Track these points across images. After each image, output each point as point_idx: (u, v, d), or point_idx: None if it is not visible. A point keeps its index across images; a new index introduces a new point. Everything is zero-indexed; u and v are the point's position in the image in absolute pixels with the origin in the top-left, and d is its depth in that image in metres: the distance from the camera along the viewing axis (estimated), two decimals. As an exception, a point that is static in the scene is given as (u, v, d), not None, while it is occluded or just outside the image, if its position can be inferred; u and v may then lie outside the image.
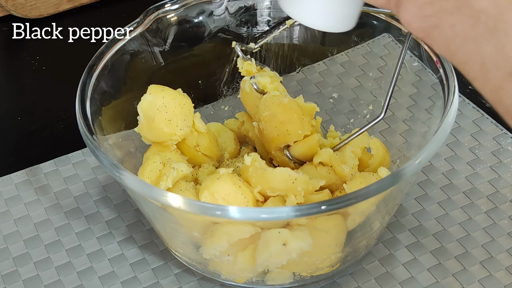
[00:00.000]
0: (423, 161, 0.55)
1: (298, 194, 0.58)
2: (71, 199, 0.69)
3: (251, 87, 0.67)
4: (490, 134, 0.73)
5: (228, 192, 0.58)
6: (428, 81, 0.64)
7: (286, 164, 0.65)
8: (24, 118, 0.79)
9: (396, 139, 0.68)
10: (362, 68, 0.74)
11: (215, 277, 0.62)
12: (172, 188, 0.60)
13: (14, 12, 0.88)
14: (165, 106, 0.63)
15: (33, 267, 0.64)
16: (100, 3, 0.92)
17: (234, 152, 0.69)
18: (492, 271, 0.62)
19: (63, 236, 0.67)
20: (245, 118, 0.69)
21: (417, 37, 0.54)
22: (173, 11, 0.68)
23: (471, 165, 0.70)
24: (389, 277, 0.62)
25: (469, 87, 0.78)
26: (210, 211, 0.53)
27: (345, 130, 0.72)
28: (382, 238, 0.65)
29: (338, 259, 0.60)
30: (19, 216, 0.68)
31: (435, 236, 0.65)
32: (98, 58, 0.64)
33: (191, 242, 0.60)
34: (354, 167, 0.63)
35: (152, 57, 0.68)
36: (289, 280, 0.60)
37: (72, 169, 0.72)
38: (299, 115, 0.64)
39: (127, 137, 0.65)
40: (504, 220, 0.66)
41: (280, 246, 0.55)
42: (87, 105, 0.61)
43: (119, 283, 0.63)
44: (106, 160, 0.56)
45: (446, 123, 0.57)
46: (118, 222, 0.67)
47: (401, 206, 0.67)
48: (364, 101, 0.72)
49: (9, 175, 0.72)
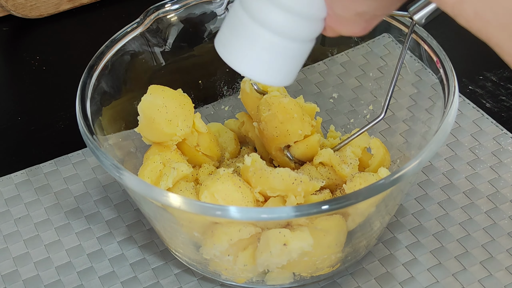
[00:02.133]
0: (423, 161, 0.55)
1: (298, 195, 0.58)
2: (71, 199, 0.69)
3: (251, 88, 0.67)
4: (490, 134, 0.73)
5: (228, 192, 0.58)
6: (428, 81, 0.64)
7: (287, 164, 0.65)
8: (24, 118, 0.79)
9: (396, 139, 0.68)
10: (362, 68, 0.74)
11: (215, 277, 0.62)
12: (172, 188, 0.60)
13: (14, 12, 0.88)
14: (165, 106, 0.63)
15: (33, 267, 0.64)
16: (100, 3, 0.92)
17: (235, 152, 0.69)
18: (492, 271, 0.62)
19: (63, 236, 0.67)
20: (245, 118, 0.69)
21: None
22: (173, 11, 0.68)
23: (471, 165, 0.70)
24: (389, 277, 0.62)
25: (469, 87, 0.78)
26: (210, 211, 0.53)
27: (345, 130, 0.72)
28: (382, 238, 0.65)
29: (338, 259, 0.60)
30: (19, 216, 0.68)
31: (435, 236, 0.65)
32: (98, 58, 0.64)
33: (191, 242, 0.60)
34: (354, 167, 0.63)
35: (152, 57, 0.68)
36: (289, 280, 0.60)
37: (72, 169, 0.72)
38: (299, 115, 0.64)
39: (127, 137, 0.65)
40: (504, 220, 0.66)
41: (281, 246, 0.55)
42: (87, 105, 0.61)
43: (119, 283, 0.63)
44: (106, 160, 0.56)
45: (446, 123, 0.57)
46: (118, 222, 0.67)
47: (401, 206, 0.67)
48: (364, 101, 0.72)
49: (9, 175, 0.72)
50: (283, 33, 0.48)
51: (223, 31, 0.50)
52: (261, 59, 0.49)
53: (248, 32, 0.48)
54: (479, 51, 0.83)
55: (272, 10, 0.47)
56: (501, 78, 0.79)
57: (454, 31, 0.84)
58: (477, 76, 0.79)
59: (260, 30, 0.48)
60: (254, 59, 0.49)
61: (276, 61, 0.49)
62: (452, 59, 0.62)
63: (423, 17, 0.59)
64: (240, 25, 0.49)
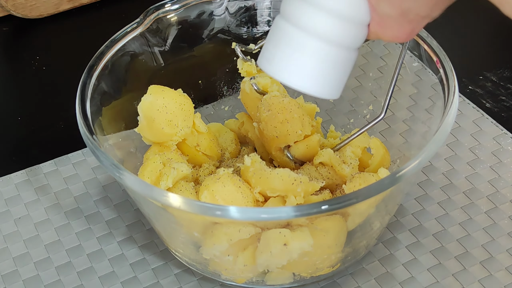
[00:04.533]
0: (423, 161, 0.55)
1: (298, 195, 0.58)
2: (71, 199, 0.69)
3: (251, 88, 0.67)
4: (490, 134, 0.73)
5: (228, 192, 0.58)
6: (428, 81, 0.64)
7: (287, 164, 0.65)
8: (24, 118, 0.79)
9: (396, 139, 0.68)
10: (362, 68, 0.74)
11: (215, 277, 0.62)
12: (172, 188, 0.60)
13: (14, 12, 0.88)
14: (165, 107, 0.63)
15: (33, 267, 0.64)
16: (100, 3, 0.92)
17: (235, 153, 0.69)
18: (492, 271, 0.62)
19: (63, 236, 0.67)
20: (245, 118, 0.69)
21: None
22: (173, 11, 0.68)
23: (471, 165, 0.70)
24: (389, 277, 0.62)
25: (469, 87, 0.78)
26: (210, 211, 0.53)
27: (345, 130, 0.72)
28: (382, 238, 0.65)
29: (338, 259, 0.60)
30: (19, 216, 0.68)
31: (435, 236, 0.65)
32: (98, 58, 0.64)
33: (191, 242, 0.60)
34: (355, 167, 0.63)
35: (152, 57, 0.68)
36: (289, 280, 0.60)
37: (72, 169, 0.72)
38: (299, 115, 0.64)
39: (127, 137, 0.65)
40: (504, 220, 0.66)
41: (281, 246, 0.55)
42: (87, 105, 0.61)
43: (119, 283, 0.63)
44: (106, 160, 0.56)
45: (446, 123, 0.57)
46: (118, 222, 0.67)
47: (401, 206, 0.67)
48: (364, 101, 0.72)
49: (9, 175, 0.72)
50: (330, 40, 0.47)
51: (267, 47, 0.49)
52: (309, 68, 0.48)
53: (294, 41, 0.47)
54: (479, 51, 0.83)
55: (318, 15, 0.46)
56: (501, 78, 0.79)
57: (454, 31, 0.84)
58: (477, 76, 0.79)
59: (305, 38, 0.47)
60: (301, 69, 0.48)
61: (323, 70, 0.48)
62: (452, 59, 0.62)
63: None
64: (284, 37, 0.48)
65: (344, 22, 0.47)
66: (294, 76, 0.48)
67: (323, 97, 0.49)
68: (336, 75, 0.49)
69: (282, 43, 0.48)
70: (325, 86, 0.49)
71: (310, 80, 0.48)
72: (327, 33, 0.47)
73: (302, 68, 0.48)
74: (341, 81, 0.50)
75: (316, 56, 0.48)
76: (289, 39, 0.48)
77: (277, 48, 0.48)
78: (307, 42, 0.47)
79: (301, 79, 0.48)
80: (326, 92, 0.49)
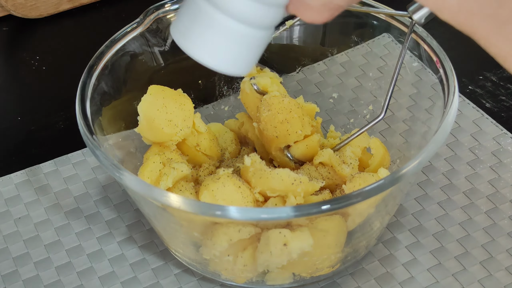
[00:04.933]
0: (423, 161, 0.55)
1: (298, 195, 0.58)
2: (71, 199, 0.69)
3: (251, 88, 0.67)
4: (490, 134, 0.73)
5: (228, 192, 0.58)
6: (428, 81, 0.64)
7: (286, 164, 0.65)
8: (24, 118, 0.79)
9: (396, 139, 0.68)
10: (362, 68, 0.74)
11: (215, 277, 0.62)
12: (172, 188, 0.60)
13: (14, 12, 0.88)
14: (165, 107, 0.63)
15: (33, 267, 0.64)
16: (100, 3, 0.92)
17: (235, 153, 0.69)
18: (492, 271, 0.62)
19: (63, 236, 0.67)
20: (245, 118, 0.69)
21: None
22: (173, 11, 0.68)
23: (471, 165, 0.70)
24: (389, 277, 0.62)
25: (469, 87, 0.78)
26: (210, 211, 0.53)
27: (345, 130, 0.72)
28: (382, 238, 0.65)
29: (338, 259, 0.60)
30: (19, 216, 0.68)
31: (435, 236, 0.65)
32: (98, 58, 0.64)
33: (191, 242, 0.60)
34: (354, 167, 0.63)
35: (152, 57, 0.68)
36: (289, 280, 0.60)
37: (72, 169, 0.72)
38: (299, 115, 0.64)
39: (127, 137, 0.65)
40: (504, 220, 0.66)
41: (281, 246, 0.55)
42: (87, 105, 0.61)
43: (119, 283, 0.63)
44: (106, 160, 0.56)
45: (446, 123, 0.57)
46: (118, 222, 0.67)
47: (401, 206, 0.67)
48: (364, 101, 0.72)
49: (9, 175, 0.72)
50: (244, 20, 0.48)
51: (181, 19, 0.50)
52: (220, 47, 0.49)
53: (208, 19, 0.48)
54: (479, 51, 0.83)
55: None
56: (501, 78, 0.79)
57: (454, 31, 0.84)
58: (477, 76, 0.79)
59: (219, 16, 0.48)
60: (212, 46, 0.49)
61: (235, 48, 0.49)
62: (452, 59, 0.62)
63: (423, 17, 0.59)
64: (199, 12, 0.48)
65: (259, 3, 0.47)
66: (204, 52, 0.49)
67: (231, 74, 0.51)
68: (247, 53, 0.50)
69: (196, 17, 0.49)
70: (236, 64, 0.50)
71: (220, 57, 0.50)
72: (241, 13, 0.48)
73: (212, 45, 0.49)
74: (252, 58, 0.51)
75: (228, 34, 0.48)
76: (203, 15, 0.48)
77: (191, 22, 0.49)
78: (219, 20, 0.48)
79: (210, 55, 0.49)
80: (234, 69, 0.51)
